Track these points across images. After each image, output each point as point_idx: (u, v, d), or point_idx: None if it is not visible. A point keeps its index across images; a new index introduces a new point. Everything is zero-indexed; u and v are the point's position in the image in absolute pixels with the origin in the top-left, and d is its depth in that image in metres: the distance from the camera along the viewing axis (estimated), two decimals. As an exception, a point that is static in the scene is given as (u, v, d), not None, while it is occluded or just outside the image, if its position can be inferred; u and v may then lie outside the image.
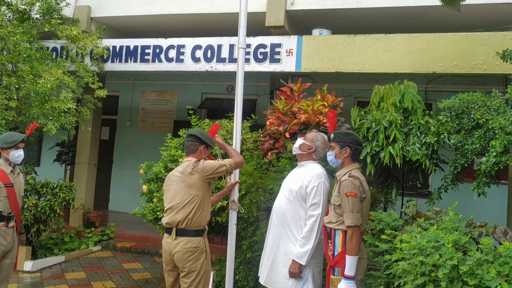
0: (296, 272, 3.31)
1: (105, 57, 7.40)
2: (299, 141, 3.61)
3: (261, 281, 3.56)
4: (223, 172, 3.52)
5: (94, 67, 7.30)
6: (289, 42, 6.56)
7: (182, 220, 3.37)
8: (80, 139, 8.16)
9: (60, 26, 7.05)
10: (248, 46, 6.53)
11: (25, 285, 5.42)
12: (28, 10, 7.19)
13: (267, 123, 4.87)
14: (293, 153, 3.69)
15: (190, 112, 5.89)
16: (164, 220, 3.49)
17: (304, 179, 3.42)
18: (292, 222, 3.41)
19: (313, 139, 3.58)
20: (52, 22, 7.01)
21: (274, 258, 3.46)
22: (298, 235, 3.37)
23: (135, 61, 7.31)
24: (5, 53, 6.50)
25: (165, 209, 3.52)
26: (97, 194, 8.97)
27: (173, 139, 5.50)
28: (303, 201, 3.40)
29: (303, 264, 3.30)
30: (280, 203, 3.52)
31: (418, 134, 4.47)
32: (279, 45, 6.60)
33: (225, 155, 4.09)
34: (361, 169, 3.46)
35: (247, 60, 6.53)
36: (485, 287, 2.77)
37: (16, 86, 6.27)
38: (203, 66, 6.95)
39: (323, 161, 3.76)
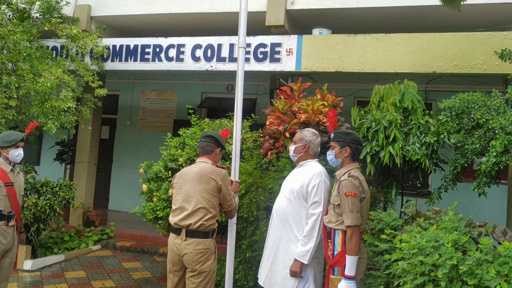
0: (297, 271, 3.29)
1: (105, 56, 7.39)
2: (291, 148, 3.62)
3: (260, 282, 3.54)
4: (227, 202, 3.46)
5: (94, 66, 7.30)
6: (289, 41, 6.56)
7: (194, 223, 3.32)
8: (80, 138, 8.16)
9: (60, 25, 7.05)
10: (248, 45, 6.53)
11: (25, 284, 5.43)
12: (28, 9, 7.19)
13: (267, 122, 4.87)
14: (293, 160, 3.68)
15: (190, 111, 5.89)
16: (173, 220, 3.41)
17: (304, 179, 3.41)
18: (293, 222, 3.40)
19: (301, 137, 3.58)
20: (52, 21, 7.01)
21: (273, 259, 3.45)
22: (299, 235, 3.36)
23: (135, 60, 7.31)
24: (5, 52, 6.50)
25: (174, 208, 3.45)
26: (97, 193, 8.97)
27: (173, 138, 5.50)
28: (304, 200, 3.39)
29: (306, 263, 3.29)
30: (281, 203, 3.51)
31: (418, 134, 4.47)
32: (279, 45, 6.60)
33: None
34: (361, 168, 3.46)
35: (247, 60, 6.53)
36: (485, 287, 2.77)
37: (16, 85, 6.27)
38: (203, 66, 6.95)
39: (322, 160, 3.76)
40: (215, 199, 3.41)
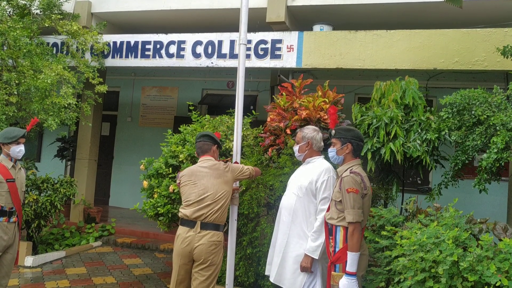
0: (308, 266, 3.34)
1: (105, 53, 7.38)
2: (295, 148, 3.68)
3: (271, 278, 3.57)
4: (247, 175, 3.77)
5: (94, 62, 7.29)
6: (290, 38, 6.55)
7: (213, 214, 3.44)
8: (80, 135, 8.16)
9: (61, 21, 7.03)
10: (249, 42, 6.52)
11: (26, 280, 5.44)
12: (28, 5, 7.17)
13: (268, 119, 4.87)
14: (300, 159, 3.71)
15: (191, 108, 5.89)
16: (188, 213, 3.46)
17: (313, 175, 3.46)
18: (303, 218, 3.44)
19: (303, 136, 3.63)
20: (52, 18, 7.00)
21: (283, 255, 3.49)
22: (308, 231, 3.40)
23: (136, 56, 7.30)
24: (6, 48, 6.49)
25: (189, 202, 3.50)
26: (98, 189, 8.97)
27: (173, 135, 5.50)
28: (313, 196, 3.44)
29: (316, 258, 3.33)
30: (289, 200, 3.54)
31: (419, 130, 4.47)
32: (280, 41, 6.59)
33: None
34: (362, 165, 3.46)
35: (247, 56, 6.52)
36: (485, 283, 2.78)
37: (17, 82, 6.26)
38: (203, 62, 6.94)
39: (324, 158, 3.77)
40: (230, 190, 3.62)
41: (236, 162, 3.91)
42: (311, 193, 3.44)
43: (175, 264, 3.52)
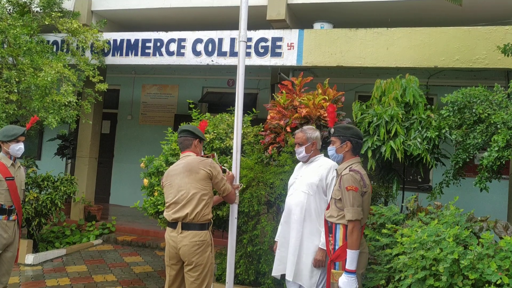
0: (323, 260, 3.39)
1: (105, 51, 7.37)
2: (301, 150, 3.65)
3: (289, 278, 3.55)
4: (220, 188, 3.49)
5: (94, 60, 7.28)
6: (290, 35, 6.53)
7: (190, 213, 3.35)
8: (81, 133, 8.16)
9: (61, 19, 7.01)
10: (249, 39, 6.50)
11: (27, 278, 5.44)
12: (28, 3, 7.16)
13: (268, 117, 4.86)
14: (303, 160, 3.70)
15: (191, 106, 5.88)
16: (168, 215, 3.44)
17: (322, 172, 3.52)
18: (316, 216, 3.49)
19: (307, 137, 3.64)
20: (53, 15, 6.98)
21: (299, 253, 3.51)
22: (320, 227, 3.45)
23: (136, 54, 7.29)
24: (6, 46, 6.48)
25: (167, 204, 3.48)
26: (98, 187, 8.98)
27: (173, 133, 5.49)
28: (323, 193, 3.51)
29: None
30: (300, 199, 3.55)
31: (420, 128, 4.47)
32: (280, 39, 6.58)
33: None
34: (362, 163, 3.46)
35: (248, 54, 6.51)
36: (486, 281, 2.78)
37: (17, 80, 6.26)
38: (204, 60, 6.93)
39: (325, 155, 3.77)
40: (208, 185, 3.44)
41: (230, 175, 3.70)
42: (322, 190, 3.50)
43: (166, 265, 3.53)
